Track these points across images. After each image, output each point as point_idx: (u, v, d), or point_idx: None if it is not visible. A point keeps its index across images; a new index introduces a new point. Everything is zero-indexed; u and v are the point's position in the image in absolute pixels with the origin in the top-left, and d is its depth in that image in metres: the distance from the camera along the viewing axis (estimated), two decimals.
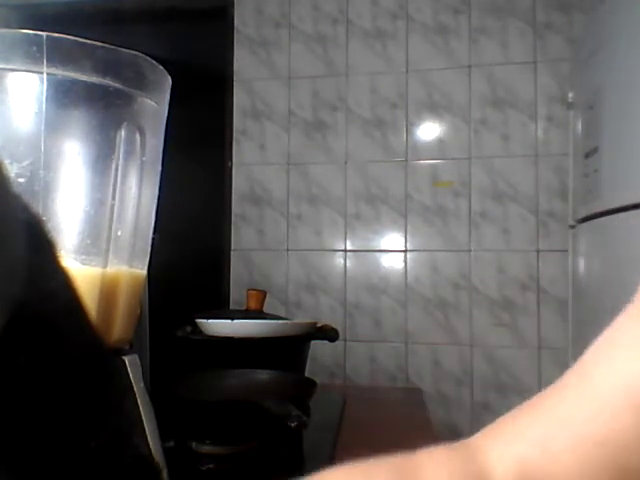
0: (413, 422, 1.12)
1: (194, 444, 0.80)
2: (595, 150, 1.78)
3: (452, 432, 2.23)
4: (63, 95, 0.46)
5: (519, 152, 2.31)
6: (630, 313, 0.32)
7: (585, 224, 1.82)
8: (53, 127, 0.46)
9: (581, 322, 1.90)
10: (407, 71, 2.43)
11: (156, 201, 0.55)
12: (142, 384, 0.50)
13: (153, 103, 0.51)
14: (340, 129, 2.46)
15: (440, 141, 2.37)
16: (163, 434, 0.52)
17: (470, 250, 2.33)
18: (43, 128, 0.45)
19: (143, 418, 0.48)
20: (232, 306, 2.42)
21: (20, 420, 0.19)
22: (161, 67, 0.54)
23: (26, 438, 0.19)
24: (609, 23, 1.72)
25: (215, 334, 1.13)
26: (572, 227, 1.98)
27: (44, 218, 0.45)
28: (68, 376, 0.21)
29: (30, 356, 0.19)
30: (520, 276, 2.29)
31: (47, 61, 0.44)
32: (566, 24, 2.30)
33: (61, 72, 0.45)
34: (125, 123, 0.48)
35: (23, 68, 0.44)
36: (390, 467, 0.33)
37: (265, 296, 1.38)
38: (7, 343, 0.18)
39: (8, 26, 2.52)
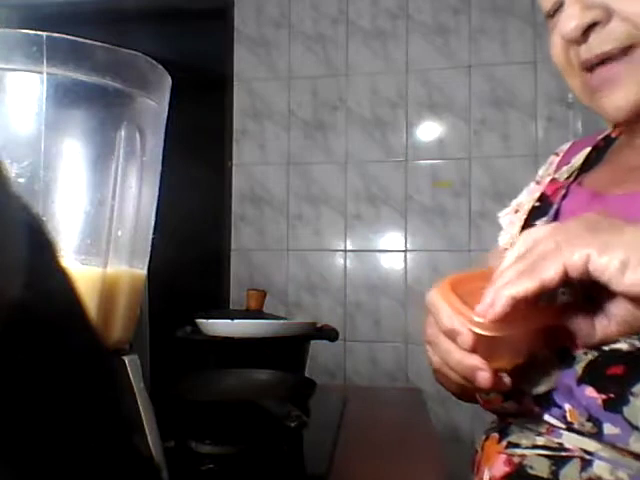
0: (413, 422, 1.12)
1: (194, 444, 0.80)
2: None
3: (452, 432, 2.23)
4: (63, 95, 0.46)
5: (519, 152, 2.31)
6: None
7: None
8: (53, 127, 0.46)
9: None
10: (407, 71, 2.43)
11: (156, 201, 0.55)
12: (142, 384, 0.50)
13: (153, 103, 0.51)
14: (340, 129, 2.46)
15: (440, 141, 2.37)
16: (163, 434, 0.52)
17: (470, 250, 2.33)
18: (43, 128, 0.44)
19: (143, 418, 0.48)
20: (232, 306, 2.42)
21: (19, 420, 0.19)
22: (161, 67, 0.54)
23: (25, 438, 0.19)
24: None
25: (215, 334, 1.13)
26: None
27: (44, 218, 0.45)
28: (68, 376, 0.21)
29: (29, 356, 0.19)
30: None
31: (47, 61, 0.44)
32: None
33: (61, 72, 0.45)
34: (125, 123, 0.48)
35: (23, 68, 0.44)
36: None
37: (265, 296, 1.38)
38: (6, 343, 0.18)
39: (8, 26, 2.52)
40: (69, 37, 0.52)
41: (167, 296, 1.55)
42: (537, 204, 0.70)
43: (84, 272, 0.47)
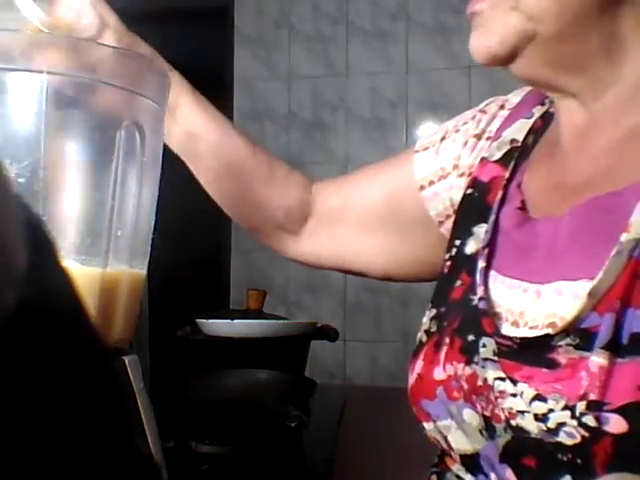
0: (413, 422, 1.12)
1: (194, 444, 0.81)
2: None
3: None
4: (63, 95, 0.46)
5: None
6: None
7: None
8: (53, 127, 0.46)
9: None
10: (407, 71, 2.43)
11: (156, 201, 0.55)
12: (142, 384, 0.50)
13: (153, 103, 0.51)
14: (340, 129, 2.46)
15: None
16: (163, 434, 0.52)
17: None
18: (43, 128, 0.45)
19: (143, 418, 0.48)
20: (232, 306, 2.42)
21: (19, 420, 0.19)
22: (162, 67, 0.54)
23: (25, 437, 0.19)
24: None
25: (215, 334, 1.13)
26: None
27: (44, 218, 0.45)
28: (68, 376, 0.21)
29: (30, 356, 0.19)
30: None
31: (47, 61, 0.44)
32: None
33: (61, 72, 0.45)
34: (125, 123, 0.48)
35: (23, 68, 0.44)
36: None
37: (265, 296, 1.38)
38: (6, 344, 0.18)
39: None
40: (69, 37, 0.52)
41: (167, 296, 1.55)
42: (469, 191, 0.59)
43: (84, 272, 0.47)
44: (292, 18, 2.53)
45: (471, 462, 0.48)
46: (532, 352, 0.44)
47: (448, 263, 0.57)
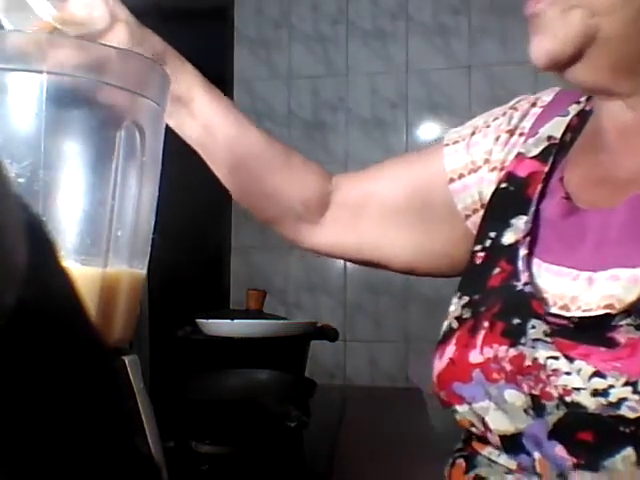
0: (413, 422, 1.12)
1: (194, 444, 0.81)
2: None
3: (452, 432, 2.23)
4: (63, 95, 0.46)
5: None
6: None
7: None
8: (53, 127, 0.46)
9: None
10: (407, 71, 2.43)
11: (156, 201, 0.55)
12: (142, 384, 0.50)
13: (153, 103, 0.51)
14: (340, 129, 2.46)
15: (440, 141, 2.37)
16: (163, 434, 0.52)
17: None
18: (43, 128, 0.44)
19: (143, 418, 0.48)
20: (232, 306, 2.42)
21: (19, 421, 0.19)
22: (161, 67, 0.54)
23: (25, 437, 0.19)
24: None
25: (215, 334, 1.13)
26: None
27: (44, 218, 0.45)
28: (68, 376, 0.21)
29: (30, 357, 0.19)
30: None
31: (47, 61, 0.44)
32: None
33: (61, 72, 0.45)
34: (125, 123, 0.48)
35: (23, 68, 0.44)
36: None
37: (265, 296, 1.38)
38: (6, 344, 0.18)
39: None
40: (69, 37, 0.52)
41: (167, 296, 1.55)
42: (504, 185, 0.60)
43: (84, 272, 0.47)
44: (292, 18, 2.52)
45: (512, 442, 0.48)
46: (590, 332, 0.45)
47: (481, 254, 0.57)
